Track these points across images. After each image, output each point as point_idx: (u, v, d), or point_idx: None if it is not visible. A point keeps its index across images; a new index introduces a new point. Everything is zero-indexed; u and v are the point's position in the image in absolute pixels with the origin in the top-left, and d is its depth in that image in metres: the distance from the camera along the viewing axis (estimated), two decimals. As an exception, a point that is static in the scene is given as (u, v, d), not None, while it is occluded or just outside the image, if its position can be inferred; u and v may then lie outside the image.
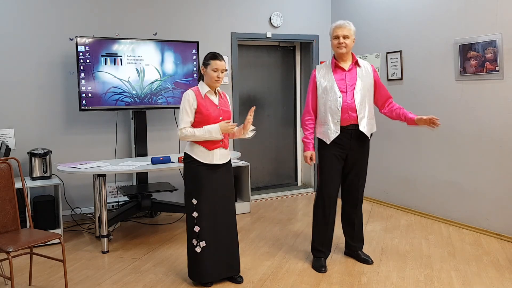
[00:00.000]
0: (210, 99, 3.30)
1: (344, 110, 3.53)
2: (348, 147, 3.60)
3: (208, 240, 3.28)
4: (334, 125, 3.55)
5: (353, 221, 3.80)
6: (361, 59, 3.73)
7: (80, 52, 4.65)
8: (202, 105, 3.24)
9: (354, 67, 3.62)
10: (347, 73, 3.59)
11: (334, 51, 3.63)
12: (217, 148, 3.29)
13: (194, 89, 3.29)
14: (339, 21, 3.65)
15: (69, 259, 3.97)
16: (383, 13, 5.49)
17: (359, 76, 3.59)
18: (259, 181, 6.49)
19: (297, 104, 6.67)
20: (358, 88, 3.55)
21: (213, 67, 3.23)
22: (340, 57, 3.62)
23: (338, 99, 3.53)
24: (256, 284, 3.40)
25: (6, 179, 3.28)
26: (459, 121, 4.64)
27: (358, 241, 3.85)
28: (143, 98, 4.95)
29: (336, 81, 3.57)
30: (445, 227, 4.70)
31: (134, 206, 4.73)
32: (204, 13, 5.59)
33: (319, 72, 3.67)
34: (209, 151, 3.27)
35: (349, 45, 3.56)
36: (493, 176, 4.34)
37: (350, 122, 3.55)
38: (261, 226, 4.85)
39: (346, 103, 3.53)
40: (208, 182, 3.28)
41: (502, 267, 3.62)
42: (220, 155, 3.32)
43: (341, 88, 3.55)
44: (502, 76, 4.20)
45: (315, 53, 6.31)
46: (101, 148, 5.15)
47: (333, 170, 3.64)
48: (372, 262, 3.76)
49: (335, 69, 3.62)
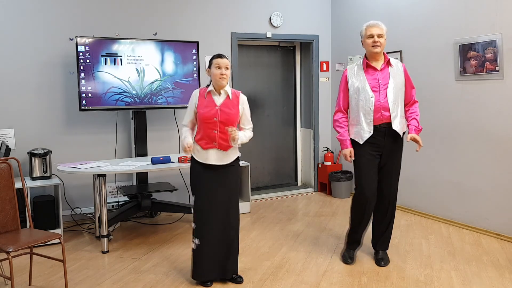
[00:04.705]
0: (212, 98, 3.30)
1: (377, 110, 3.53)
2: (382, 145, 3.59)
3: (203, 238, 3.29)
4: (367, 125, 3.55)
5: (381, 218, 3.77)
6: (394, 59, 3.71)
7: (80, 52, 4.65)
8: (200, 105, 3.29)
9: (386, 67, 3.60)
10: (379, 73, 3.57)
11: (368, 50, 3.59)
12: (211, 149, 3.27)
13: (201, 89, 3.37)
14: (372, 20, 3.63)
15: (69, 259, 3.97)
16: (383, 13, 5.49)
17: (391, 75, 3.58)
18: (259, 181, 6.49)
19: (297, 104, 6.67)
20: (391, 87, 3.54)
21: (216, 65, 3.26)
22: (373, 56, 3.60)
23: (370, 99, 3.53)
24: (256, 284, 3.40)
25: (6, 179, 3.28)
26: (459, 121, 4.64)
27: (382, 241, 3.81)
28: (143, 98, 4.95)
29: (368, 81, 3.56)
30: (445, 227, 4.70)
31: (134, 206, 4.73)
32: (204, 13, 5.59)
33: (350, 72, 3.67)
34: (204, 150, 3.28)
35: (383, 44, 3.55)
36: (493, 176, 4.34)
37: (382, 121, 3.54)
38: (261, 226, 4.85)
39: (379, 103, 3.52)
40: (205, 181, 3.29)
41: (502, 267, 3.62)
42: (216, 156, 3.28)
43: (373, 88, 3.55)
44: (502, 76, 4.20)
45: (315, 53, 6.31)
46: (101, 148, 5.15)
47: (370, 168, 3.63)
48: (384, 265, 3.70)
49: (367, 69, 3.61)
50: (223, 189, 3.32)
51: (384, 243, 3.81)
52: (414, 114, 3.63)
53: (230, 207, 3.35)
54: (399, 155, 3.72)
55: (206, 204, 3.30)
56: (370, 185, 3.63)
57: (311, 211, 5.43)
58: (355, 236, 3.80)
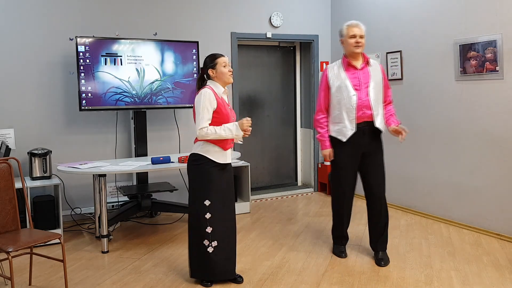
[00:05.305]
0: (224, 98, 3.32)
1: (358, 108, 3.59)
2: (362, 144, 3.65)
3: (220, 240, 3.29)
4: (350, 123, 3.61)
5: (377, 220, 3.80)
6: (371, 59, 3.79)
7: (80, 52, 4.65)
8: (221, 105, 3.22)
9: (366, 66, 3.68)
10: (360, 72, 3.65)
11: (349, 50, 3.65)
12: (230, 148, 3.34)
13: (211, 88, 3.23)
14: (352, 21, 3.70)
15: (69, 259, 3.97)
16: (383, 13, 5.49)
17: (371, 74, 3.66)
18: (259, 181, 6.49)
19: (297, 104, 6.67)
20: (372, 86, 3.63)
21: (222, 64, 3.25)
22: (353, 56, 3.67)
23: (352, 97, 3.59)
24: (256, 284, 3.40)
25: (6, 179, 3.28)
26: (459, 121, 4.63)
27: (380, 241, 3.82)
28: (143, 98, 4.95)
29: (350, 80, 3.62)
30: (445, 227, 4.70)
31: (134, 206, 4.73)
32: (204, 13, 5.59)
33: (331, 71, 3.72)
34: (224, 151, 3.29)
35: (364, 44, 3.64)
36: (493, 176, 4.34)
37: (364, 119, 3.61)
38: (261, 226, 4.85)
39: (361, 101, 3.59)
40: (220, 182, 3.30)
41: (502, 267, 3.62)
42: (229, 155, 3.37)
43: (355, 86, 3.61)
44: (502, 76, 4.19)
45: (315, 53, 6.31)
46: (101, 148, 5.15)
47: (347, 168, 3.72)
48: (384, 265, 3.70)
49: (347, 67, 3.67)
50: (229, 187, 3.38)
51: (383, 244, 3.82)
52: (391, 111, 3.76)
53: (232, 203, 3.43)
54: (381, 152, 3.80)
55: (222, 206, 3.30)
56: (348, 181, 3.74)
57: (311, 211, 5.43)
58: (340, 232, 3.93)
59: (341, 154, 3.71)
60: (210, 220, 3.25)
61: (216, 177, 3.27)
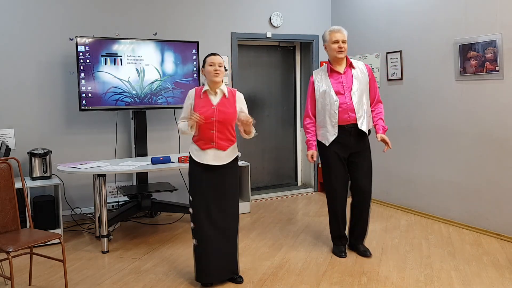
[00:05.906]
0: (208, 98, 3.29)
1: (343, 112, 3.69)
2: (349, 145, 3.75)
3: (200, 239, 3.27)
4: (332, 128, 3.73)
5: (359, 214, 3.87)
6: (355, 60, 3.86)
7: (80, 52, 4.65)
8: (197, 104, 3.29)
9: (349, 69, 3.77)
10: (343, 76, 3.74)
11: (332, 55, 3.76)
12: (210, 149, 3.26)
13: (197, 88, 3.38)
14: (334, 26, 3.82)
15: (69, 259, 3.97)
16: (383, 13, 5.49)
17: (355, 77, 3.74)
18: (259, 181, 6.49)
19: (297, 104, 6.67)
20: (355, 89, 3.71)
21: (209, 63, 3.28)
22: (336, 61, 3.77)
23: (335, 102, 3.70)
24: (256, 284, 3.40)
25: (6, 179, 3.28)
26: (459, 121, 4.64)
27: (361, 233, 3.94)
28: (143, 98, 4.95)
29: (333, 85, 3.73)
30: (445, 227, 4.70)
31: (134, 206, 4.73)
32: (204, 13, 5.59)
33: (316, 77, 3.84)
34: (202, 151, 3.28)
35: (346, 49, 3.74)
36: (493, 176, 4.34)
37: (350, 122, 3.71)
38: (261, 226, 4.85)
39: (346, 105, 3.68)
40: (203, 180, 3.27)
41: (502, 267, 3.62)
42: (214, 156, 3.26)
43: (338, 91, 3.71)
44: (502, 76, 4.20)
45: (315, 53, 6.31)
46: (101, 148, 5.15)
47: (336, 167, 3.80)
48: (370, 255, 3.85)
49: (331, 73, 3.77)
50: (221, 189, 3.29)
51: (362, 236, 3.95)
52: (380, 115, 3.81)
53: (228, 207, 3.32)
54: (368, 151, 3.87)
55: (203, 205, 3.27)
56: (339, 180, 3.81)
57: (311, 211, 5.43)
58: (337, 232, 3.96)
59: (329, 156, 3.80)
60: (193, 216, 3.30)
61: (198, 174, 3.29)
